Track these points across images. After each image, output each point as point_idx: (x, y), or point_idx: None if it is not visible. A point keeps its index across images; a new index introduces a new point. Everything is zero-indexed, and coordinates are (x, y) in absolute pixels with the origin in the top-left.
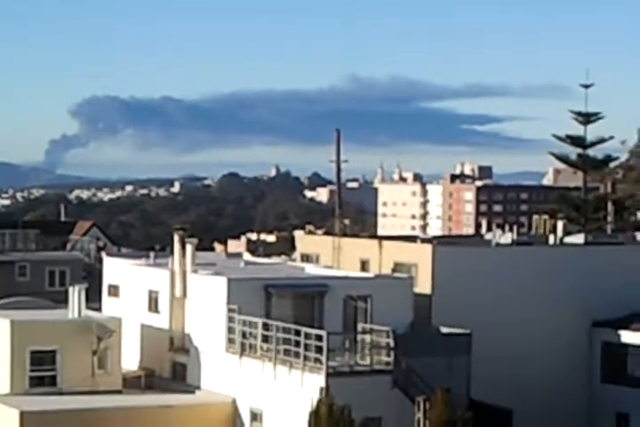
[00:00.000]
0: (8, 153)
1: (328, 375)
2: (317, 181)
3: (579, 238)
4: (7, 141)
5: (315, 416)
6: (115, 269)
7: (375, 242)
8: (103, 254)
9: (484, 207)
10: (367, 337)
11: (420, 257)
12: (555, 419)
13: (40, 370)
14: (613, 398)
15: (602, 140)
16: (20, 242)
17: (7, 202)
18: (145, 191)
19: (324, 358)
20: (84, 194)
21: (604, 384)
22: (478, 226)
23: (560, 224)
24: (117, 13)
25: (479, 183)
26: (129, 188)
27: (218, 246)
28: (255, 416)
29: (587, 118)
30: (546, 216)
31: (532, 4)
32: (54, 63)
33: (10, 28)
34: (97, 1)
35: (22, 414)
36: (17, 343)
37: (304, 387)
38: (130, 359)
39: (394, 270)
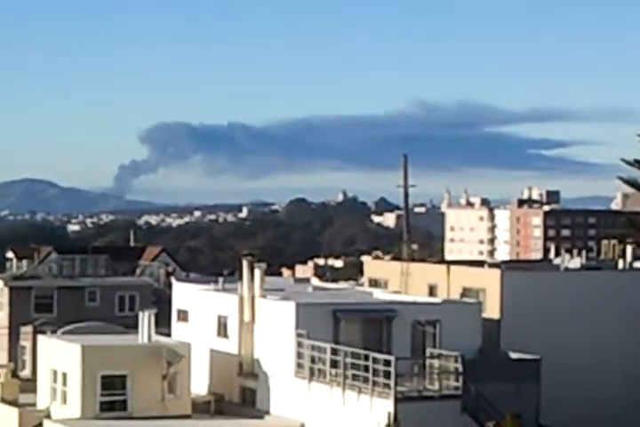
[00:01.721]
0: (77, 179)
1: (397, 400)
2: (385, 206)
3: None
4: (77, 167)
5: None
6: (184, 294)
7: (443, 267)
8: (172, 280)
9: (552, 232)
10: (436, 362)
11: (489, 282)
12: None
13: (111, 395)
14: None
15: None
16: (90, 267)
17: (77, 227)
18: (213, 217)
19: (392, 384)
20: (153, 219)
21: None
22: (546, 251)
23: (629, 249)
24: (187, 40)
25: (547, 208)
26: (197, 213)
27: (286, 272)
28: None
29: None
30: (614, 241)
31: (596, 30)
32: (124, 89)
33: (82, 54)
34: (165, 28)
35: None
36: (88, 368)
37: (372, 412)
38: (199, 384)
39: (462, 295)
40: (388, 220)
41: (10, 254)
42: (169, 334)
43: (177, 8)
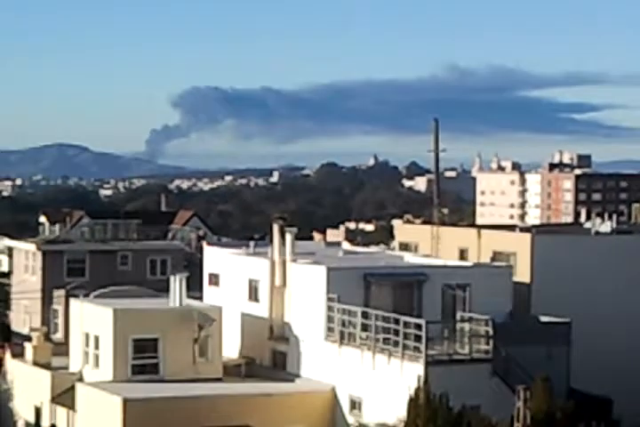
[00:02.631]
0: (110, 143)
1: (427, 364)
2: (415, 170)
3: None
4: (109, 132)
5: (413, 404)
6: (215, 258)
7: (474, 231)
8: (203, 244)
9: (583, 196)
10: (466, 326)
11: (519, 246)
12: None
13: (142, 358)
14: None
15: None
16: (121, 232)
17: (109, 192)
18: (244, 181)
19: (422, 347)
20: (185, 184)
21: None
22: (577, 215)
23: None
24: (219, 5)
25: (578, 172)
26: (228, 178)
27: (317, 236)
28: (354, 404)
29: None
30: None
31: None
32: (155, 54)
33: (112, 18)
34: None
35: (125, 402)
36: (120, 332)
37: (403, 375)
38: (230, 348)
39: (492, 259)
40: (419, 184)
41: (42, 219)
42: (200, 298)
43: None
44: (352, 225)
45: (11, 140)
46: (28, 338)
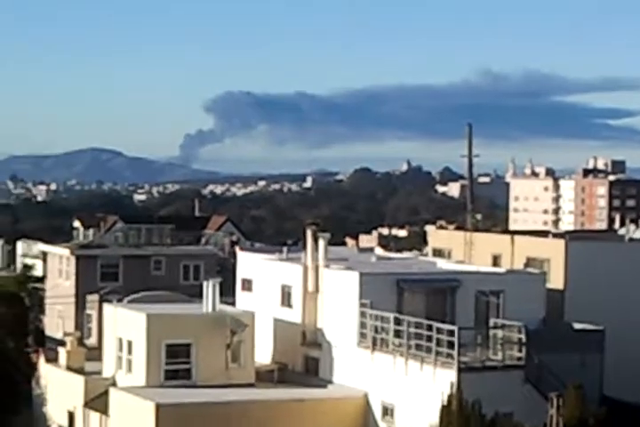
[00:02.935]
0: (144, 148)
1: (460, 370)
2: (449, 175)
3: None
4: (143, 137)
5: (446, 411)
6: (248, 263)
7: (507, 237)
8: (237, 249)
9: (617, 202)
10: (499, 332)
11: (553, 252)
12: None
13: (175, 363)
14: None
15: None
16: (155, 237)
17: (143, 197)
18: (277, 186)
19: (455, 353)
20: (218, 189)
21: None
22: (611, 221)
23: None
24: (250, 10)
25: (612, 178)
26: (262, 183)
27: (349, 241)
28: (387, 411)
29: None
30: None
31: None
32: (189, 59)
33: (146, 26)
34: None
35: (158, 407)
36: (153, 337)
37: (435, 382)
38: (263, 353)
39: (526, 266)
40: (453, 189)
41: (77, 223)
42: (233, 304)
43: None
44: (385, 231)
45: (45, 145)
46: (62, 343)
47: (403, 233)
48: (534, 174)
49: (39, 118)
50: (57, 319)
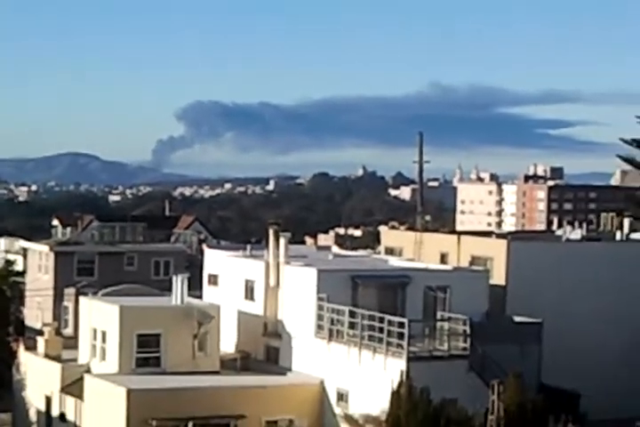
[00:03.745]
0: (118, 153)
1: (409, 360)
2: (401, 180)
3: None
4: (118, 142)
5: (396, 397)
6: (214, 260)
7: (454, 237)
8: (204, 246)
9: (555, 206)
10: (445, 325)
11: (496, 251)
12: (619, 402)
13: (146, 352)
14: None
15: None
16: (128, 235)
17: (117, 198)
18: (242, 189)
19: (405, 344)
20: (187, 191)
21: None
22: (550, 223)
23: (626, 222)
24: (219, 26)
25: (551, 183)
26: (228, 185)
27: (309, 240)
28: (341, 396)
29: None
30: (613, 214)
31: (602, 18)
32: (162, 70)
33: (123, 39)
34: (200, 13)
35: (129, 392)
36: (125, 327)
37: (386, 370)
38: (227, 343)
39: (471, 263)
40: (404, 193)
41: (55, 222)
42: (200, 297)
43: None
44: (341, 231)
45: (27, 149)
46: (41, 332)
47: (358, 233)
48: (479, 179)
49: (22, 124)
50: (36, 311)
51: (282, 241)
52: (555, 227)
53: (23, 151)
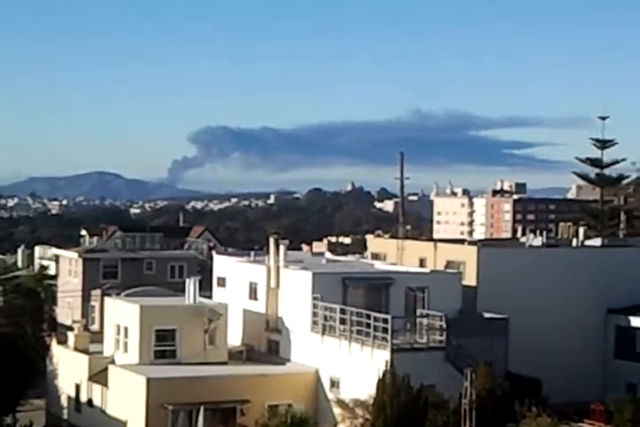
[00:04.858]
0: (139, 171)
1: (392, 351)
2: (385, 194)
3: (596, 242)
4: (138, 162)
5: (381, 383)
6: (222, 264)
7: (431, 244)
8: (213, 253)
9: (519, 216)
10: (424, 320)
11: (468, 256)
12: (576, 388)
13: (163, 345)
14: (625, 372)
15: (616, 162)
16: (147, 243)
17: (137, 211)
18: (247, 203)
19: (389, 337)
20: (199, 205)
21: (617, 360)
22: (515, 232)
23: (581, 230)
24: (225, 60)
25: (516, 197)
26: (234, 200)
27: (305, 247)
28: (334, 383)
29: (603, 144)
30: (570, 224)
31: (561, 51)
32: (177, 99)
33: (146, 69)
34: (206, 52)
35: (148, 380)
36: (145, 324)
37: (373, 360)
38: (234, 337)
39: (446, 267)
40: (388, 206)
41: (83, 232)
42: (210, 297)
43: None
44: (333, 239)
45: (59, 168)
46: (71, 328)
47: (347, 240)
48: (453, 194)
49: (54, 147)
50: (67, 309)
51: (281, 248)
52: (519, 235)
53: (55, 170)
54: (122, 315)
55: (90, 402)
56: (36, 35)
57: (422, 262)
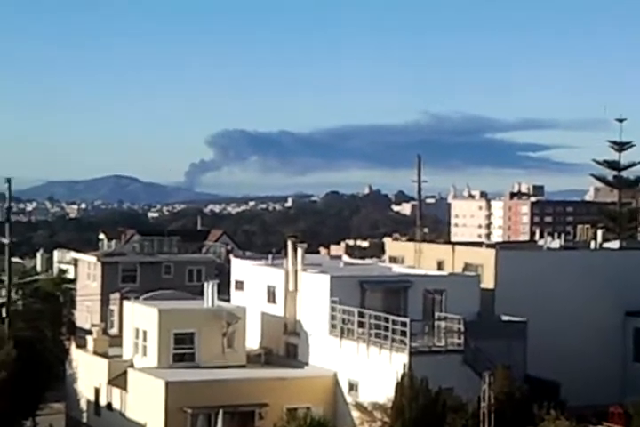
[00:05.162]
0: (156, 175)
1: (411, 354)
2: (402, 197)
3: (615, 244)
4: (155, 166)
5: (400, 386)
6: (240, 268)
7: (449, 247)
8: (231, 256)
9: (537, 219)
10: (442, 323)
11: (486, 259)
12: (594, 391)
13: (181, 349)
14: None
15: (633, 164)
16: (165, 247)
17: (155, 214)
18: (264, 206)
19: (407, 340)
20: (216, 208)
21: (636, 363)
22: (532, 234)
23: (599, 233)
24: (243, 65)
25: (533, 199)
26: (252, 203)
27: (322, 250)
28: (352, 386)
29: (621, 146)
30: (588, 226)
31: (578, 54)
32: (195, 102)
33: (159, 69)
34: (226, 50)
35: (167, 384)
36: (163, 327)
37: (391, 363)
38: (252, 340)
39: (464, 269)
40: (405, 209)
41: (102, 236)
42: (228, 300)
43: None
44: (351, 242)
45: (77, 172)
46: (90, 332)
47: (365, 244)
48: (471, 196)
49: (72, 151)
50: (86, 313)
51: (299, 251)
52: (537, 237)
53: (73, 174)
54: (141, 318)
55: (109, 406)
56: (58, 35)
57: (440, 265)
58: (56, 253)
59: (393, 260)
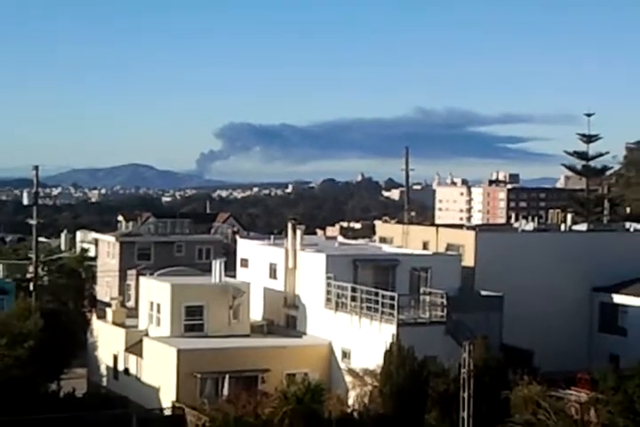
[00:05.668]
0: (170, 163)
1: (398, 325)
2: (392, 184)
3: (583, 227)
4: (169, 155)
5: (388, 355)
6: (245, 247)
7: (433, 229)
8: (237, 237)
9: (513, 204)
10: (427, 298)
11: (466, 240)
12: (564, 358)
13: (192, 320)
14: (607, 344)
15: (600, 155)
16: (177, 228)
17: (169, 199)
18: (267, 192)
19: (395, 313)
20: (224, 193)
21: (601, 333)
22: (509, 218)
23: (569, 216)
24: (245, 61)
25: (510, 186)
26: (255, 189)
27: (319, 232)
28: (345, 354)
29: (589, 139)
30: (559, 211)
31: (553, 52)
32: (204, 98)
33: (172, 68)
34: (234, 48)
35: (179, 351)
36: (175, 300)
37: (381, 333)
38: (256, 312)
39: (447, 249)
40: (394, 194)
41: (120, 218)
42: (234, 276)
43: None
44: (345, 224)
45: (98, 160)
46: (109, 305)
47: (358, 226)
48: (453, 183)
49: (94, 141)
50: (105, 288)
51: (298, 232)
52: (513, 221)
53: (95, 162)
54: (155, 293)
55: (126, 371)
56: (93, 33)
57: (425, 245)
58: (79, 234)
59: (383, 240)
